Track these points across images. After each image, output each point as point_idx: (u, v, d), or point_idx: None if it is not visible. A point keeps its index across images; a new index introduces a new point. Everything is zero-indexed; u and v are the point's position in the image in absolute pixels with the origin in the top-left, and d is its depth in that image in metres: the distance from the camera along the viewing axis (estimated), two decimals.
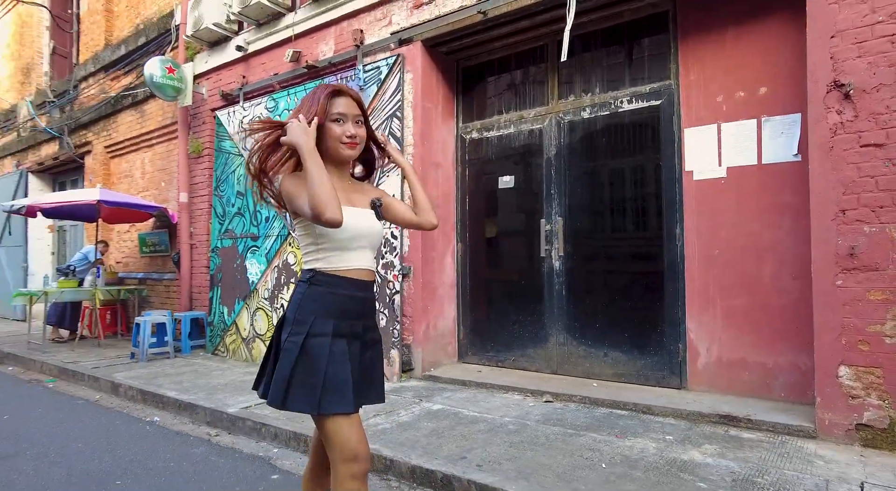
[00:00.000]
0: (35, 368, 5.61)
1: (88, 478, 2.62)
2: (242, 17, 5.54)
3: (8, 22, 11.04)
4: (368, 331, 1.63)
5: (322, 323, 1.52)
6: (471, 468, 2.45)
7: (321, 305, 1.54)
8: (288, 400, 1.46)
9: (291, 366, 1.48)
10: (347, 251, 1.57)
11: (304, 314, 1.53)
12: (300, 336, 1.50)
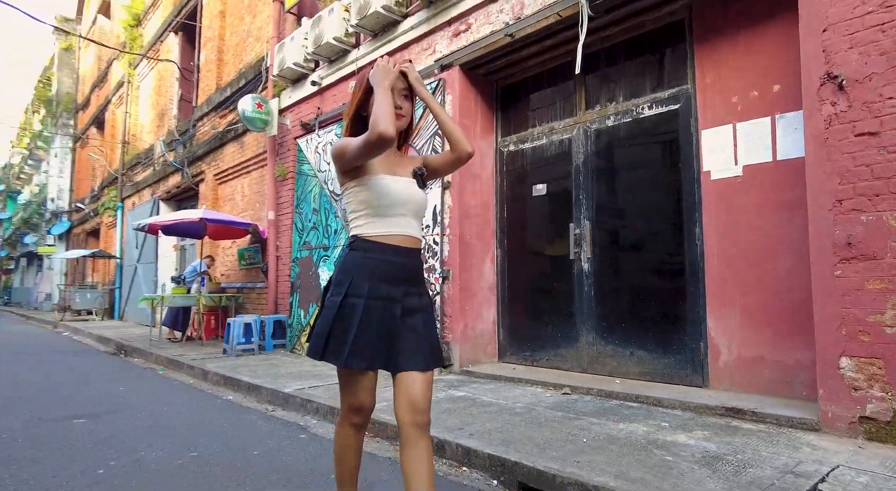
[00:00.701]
0: (151, 359, 6.67)
1: (162, 428, 3.26)
2: (316, 56, 6.37)
3: (150, 78, 13.21)
4: (410, 296, 1.66)
5: (359, 285, 1.60)
6: (462, 435, 2.75)
7: (359, 268, 1.62)
8: (326, 352, 1.59)
9: (330, 323, 1.60)
10: (387, 217, 1.64)
11: (344, 276, 1.63)
12: (339, 296, 1.61)
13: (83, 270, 17.80)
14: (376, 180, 1.64)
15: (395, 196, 1.64)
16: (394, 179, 1.65)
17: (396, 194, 1.64)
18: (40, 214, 22.90)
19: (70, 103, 21.68)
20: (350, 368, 1.59)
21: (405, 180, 1.68)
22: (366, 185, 1.64)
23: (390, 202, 1.63)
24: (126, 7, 14.77)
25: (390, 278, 1.63)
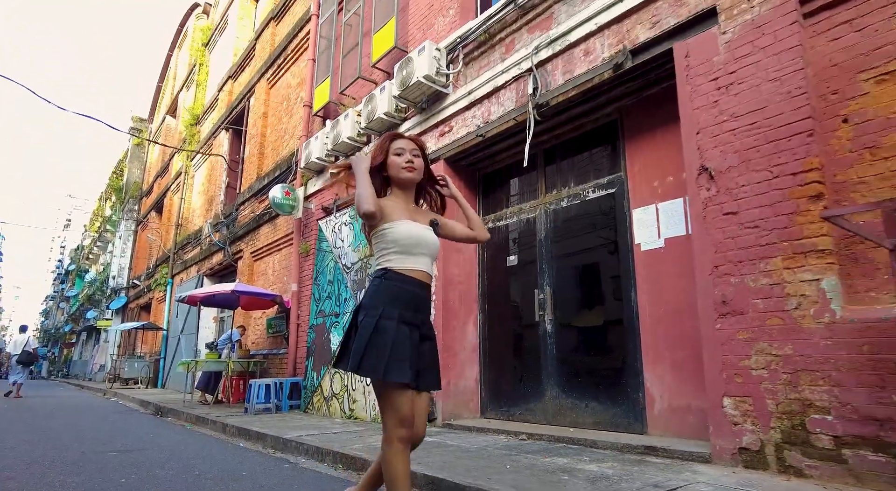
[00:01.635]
0: (182, 418, 7.42)
1: (176, 459, 3.94)
2: (335, 152, 7.51)
3: (203, 169, 15.02)
4: (424, 326, 1.93)
5: (391, 309, 1.83)
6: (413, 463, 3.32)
7: (390, 295, 1.87)
8: (361, 366, 1.78)
9: (366, 340, 1.79)
10: (411, 255, 1.93)
11: (378, 301, 1.86)
12: (374, 318, 1.82)
13: (134, 341, 19.17)
14: (404, 224, 1.95)
15: (417, 238, 1.93)
16: (416, 226, 1.96)
17: (419, 237, 1.94)
18: (102, 291, 24.92)
19: (137, 191, 24.26)
20: (390, 381, 1.78)
21: (424, 227, 1.99)
22: (396, 227, 1.93)
23: (415, 242, 1.93)
24: (188, 109, 17.08)
25: (413, 307, 1.90)
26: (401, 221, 1.93)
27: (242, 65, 13.33)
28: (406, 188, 2.05)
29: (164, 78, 24.18)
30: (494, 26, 5.34)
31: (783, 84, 3.13)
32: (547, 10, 4.87)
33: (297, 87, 10.03)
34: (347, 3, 8.12)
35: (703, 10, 3.60)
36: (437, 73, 5.70)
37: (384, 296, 1.87)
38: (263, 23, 12.19)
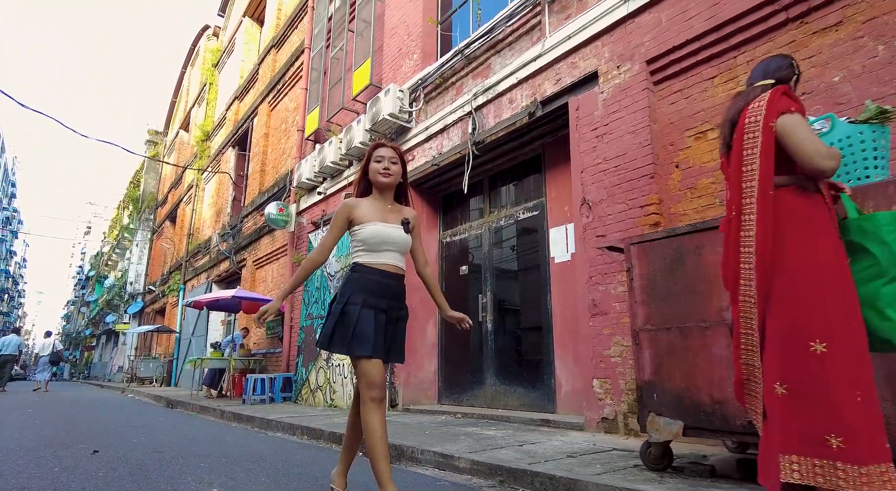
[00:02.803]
0: (189, 408, 8.46)
1: (177, 432, 4.94)
2: (322, 174, 8.52)
3: (213, 183, 16.16)
4: (393, 309, 2.22)
5: (356, 296, 2.14)
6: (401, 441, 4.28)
7: (357, 285, 2.18)
8: (331, 345, 2.13)
9: (334, 324, 2.14)
10: (376, 252, 2.22)
11: (346, 290, 2.18)
12: (341, 305, 2.15)
13: (149, 343, 20.38)
14: (371, 226, 2.24)
15: (383, 237, 2.22)
16: (384, 225, 2.23)
17: (385, 236, 2.22)
18: (121, 296, 26.25)
19: (152, 201, 25.58)
20: (355, 355, 2.12)
21: (392, 226, 2.26)
22: (364, 228, 2.24)
23: (380, 241, 2.22)
24: (199, 125, 18.27)
25: (378, 294, 2.18)
26: (370, 223, 2.23)
27: (247, 87, 14.45)
28: (383, 191, 2.33)
29: (178, 94, 25.49)
30: (447, 72, 6.31)
31: (637, 136, 4.06)
32: (486, 61, 5.83)
33: (293, 112, 11.08)
34: (334, 40, 9.14)
35: (589, 72, 4.54)
36: (400, 111, 6.68)
37: (352, 286, 2.20)
38: (266, 49, 13.29)
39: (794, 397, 1.75)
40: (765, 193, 1.85)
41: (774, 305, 1.82)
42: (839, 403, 1.69)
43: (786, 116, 1.86)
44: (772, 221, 1.84)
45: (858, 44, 3.06)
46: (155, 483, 2.74)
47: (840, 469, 1.65)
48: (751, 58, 3.55)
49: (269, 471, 3.12)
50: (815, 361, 1.73)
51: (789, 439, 1.74)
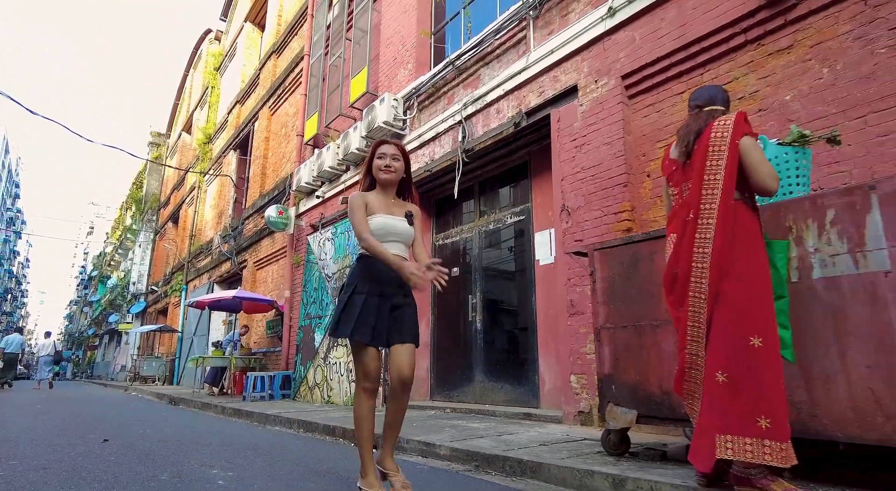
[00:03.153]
0: (191, 405, 8.74)
1: (179, 425, 5.21)
2: (320, 178, 8.80)
3: (215, 185, 16.45)
4: (398, 296, 2.30)
5: (362, 285, 2.27)
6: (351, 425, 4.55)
7: (363, 274, 2.30)
8: (336, 331, 2.26)
9: (340, 310, 2.28)
10: (384, 242, 2.28)
11: (353, 279, 2.31)
12: (348, 294, 2.28)
13: (152, 343, 20.68)
14: (378, 218, 2.34)
15: (389, 228, 2.31)
16: (390, 217, 2.34)
17: (391, 227, 2.32)
18: (124, 297, 26.56)
19: (155, 202, 25.89)
20: (356, 340, 2.24)
21: (398, 219, 2.37)
22: (372, 220, 2.33)
23: (385, 232, 2.30)
24: (201, 128, 18.56)
25: (384, 282, 2.28)
26: (377, 215, 2.33)
27: (248, 91, 14.74)
28: (386, 186, 2.43)
29: (181, 96, 25.81)
30: (439, 82, 6.58)
31: (612, 147, 4.33)
32: (476, 72, 6.10)
33: (293, 116, 11.36)
34: (332, 48, 9.43)
35: (569, 86, 4.81)
36: (394, 119, 6.96)
37: (358, 275, 2.32)
38: (266, 54, 13.58)
39: (733, 385, 2.02)
40: (726, 203, 2.10)
41: (723, 303, 2.08)
42: (768, 390, 1.96)
43: (747, 138, 2.13)
44: (731, 229, 2.10)
45: (806, 66, 3.32)
46: (161, 466, 3.01)
47: (767, 446, 1.92)
48: (715, 75, 3.82)
49: (265, 457, 3.39)
50: (752, 353, 2.00)
51: (726, 421, 2.00)
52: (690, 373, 2.14)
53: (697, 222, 2.15)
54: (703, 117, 2.24)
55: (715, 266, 2.09)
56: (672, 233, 2.25)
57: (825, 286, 2.10)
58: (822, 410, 2.06)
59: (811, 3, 3.32)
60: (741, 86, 3.64)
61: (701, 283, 2.12)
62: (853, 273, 2.02)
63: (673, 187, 2.32)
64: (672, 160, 2.32)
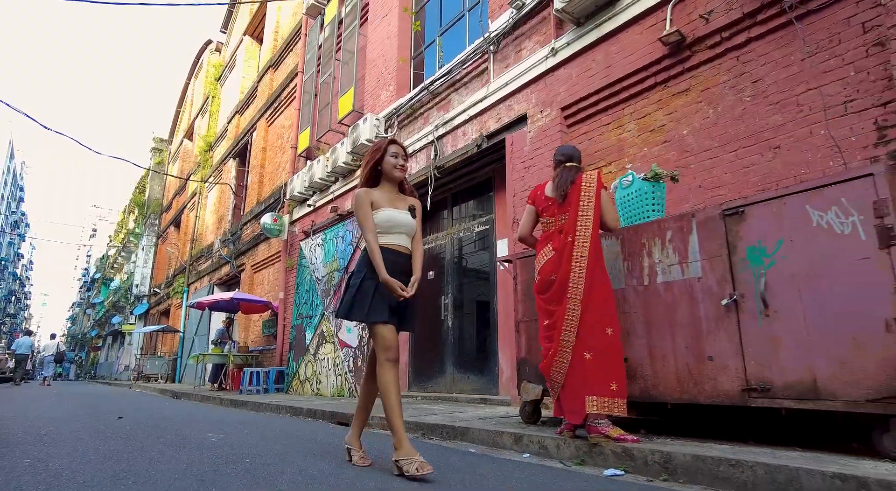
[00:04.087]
0: (192, 398, 9.46)
1: (182, 412, 5.92)
2: (311, 188, 9.52)
3: (215, 191, 17.18)
4: (403, 283, 2.46)
5: (372, 272, 2.44)
6: (326, 407, 5.27)
7: (370, 262, 2.46)
8: (350, 314, 2.44)
9: (353, 295, 2.46)
10: (388, 233, 2.51)
11: (363, 266, 2.50)
12: (359, 279, 2.47)
13: (155, 343, 21.41)
14: (385, 211, 2.54)
15: (395, 221, 2.52)
16: (395, 211, 2.54)
17: (397, 220, 2.52)
18: (127, 299, 27.29)
19: (157, 207, 26.64)
20: (372, 321, 2.42)
21: (402, 212, 2.58)
22: (379, 213, 2.53)
23: (392, 224, 2.51)
24: (202, 136, 19.30)
25: (391, 269, 2.43)
26: (383, 209, 2.54)
27: (247, 102, 15.48)
28: (392, 182, 2.66)
29: (182, 104, 26.57)
30: (416, 104, 7.31)
31: (552, 170, 5.03)
32: (448, 97, 6.82)
33: (288, 129, 12.08)
34: (323, 67, 10.15)
35: (521, 114, 5.53)
36: (376, 137, 7.68)
37: (366, 263, 2.50)
38: (264, 68, 14.32)
39: (595, 360, 2.73)
40: (595, 234, 2.89)
41: (590, 305, 2.80)
42: (616, 363, 2.69)
43: (605, 192, 2.97)
44: (597, 253, 2.83)
45: (698, 107, 4.04)
46: (166, 431, 3.73)
47: (616, 403, 2.64)
48: (633, 110, 4.53)
49: (252, 428, 4.11)
50: (607, 339, 2.73)
51: (591, 385, 2.71)
52: (561, 355, 2.85)
53: (574, 244, 2.88)
54: (572, 171, 3.00)
55: (587, 279, 2.82)
56: (547, 248, 2.98)
57: (664, 288, 2.81)
58: (660, 380, 2.77)
59: (701, 56, 4.04)
60: (652, 120, 4.36)
61: (578, 288, 2.84)
62: (681, 279, 2.73)
63: (548, 217, 3.06)
64: (548, 197, 3.07)
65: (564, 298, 2.88)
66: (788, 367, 2.29)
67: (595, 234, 2.86)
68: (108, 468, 2.39)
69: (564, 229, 2.95)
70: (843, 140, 3.21)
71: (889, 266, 2.04)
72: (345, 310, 2.50)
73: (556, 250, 2.95)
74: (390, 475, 2.33)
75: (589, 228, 2.87)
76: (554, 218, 3.04)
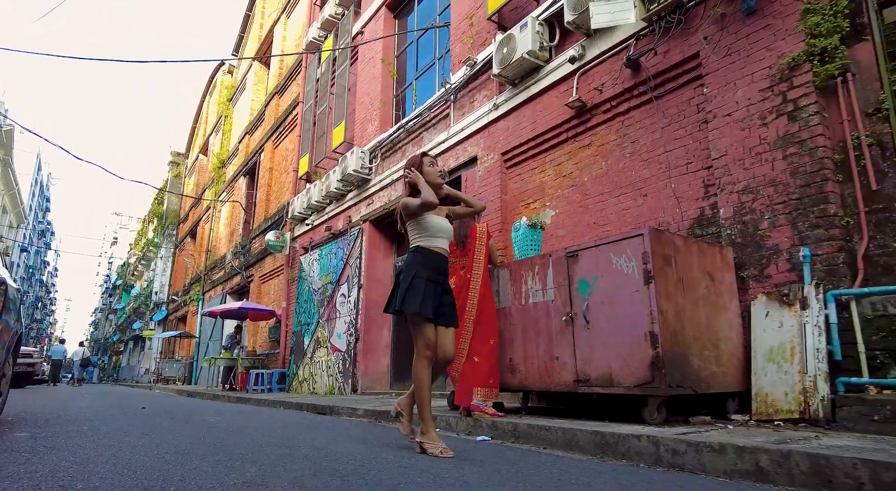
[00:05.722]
0: (205, 397, 10.64)
1: (197, 407, 7.05)
2: (310, 209, 10.67)
3: (227, 206, 18.47)
4: (445, 283, 2.82)
5: (421, 271, 2.73)
6: (336, 403, 6.37)
7: (420, 262, 2.76)
8: (404, 307, 2.68)
9: (405, 291, 2.70)
10: (434, 237, 2.82)
11: (412, 266, 2.76)
12: (410, 276, 2.72)
13: (173, 347, 22.78)
14: (432, 217, 2.86)
15: (440, 226, 2.84)
16: (438, 217, 2.87)
17: (440, 225, 2.83)
18: (147, 305, 28.80)
19: (175, 218, 28.13)
20: (424, 314, 2.65)
21: (444, 218, 2.92)
22: (426, 219, 2.84)
23: (438, 229, 2.83)
24: (216, 154, 20.65)
25: (436, 271, 2.76)
26: (430, 215, 2.83)
27: (256, 124, 16.75)
28: (434, 188, 2.90)
29: (198, 120, 28.05)
30: (395, 139, 8.41)
31: (494, 203, 6.08)
32: (420, 135, 7.91)
33: (291, 152, 13.27)
34: (320, 99, 11.32)
35: (472, 156, 6.59)
36: (361, 167, 8.80)
37: (416, 263, 2.74)
38: (270, 94, 15.57)
39: (480, 362, 3.81)
40: (485, 271, 4.00)
41: (479, 324, 3.88)
42: (494, 365, 3.77)
43: (492, 241, 4.02)
44: (487, 285, 3.92)
45: (596, 159, 5.07)
46: (177, 416, 4.86)
47: (493, 392, 3.72)
48: (552, 158, 5.57)
49: (246, 415, 5.22)
50: (490, 347, 3.81)
51: (477, 381, 3.78)
52: (458, 359, 3.91)
53: (470, 280, 3.96)
54: (467, 225, 4.07)
55: (479, 304, 3.91)
56: (452, 279, 4.06)
57: (533, 307, 3.86)
58: (530, 374, 3.82)
59: (598, 118, 5.07)
60: (564, 168, 5.40)
61: (472, 312, 3.93)
62: (542, 300, 3.78)
63: (453, 259, 4.13)
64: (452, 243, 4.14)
65: (463, 317, 3.95)
66: (598, 364, 3.33)
67: (485, 272, 3.94)
68: (136, 430, 3.52)
69: (466, 267, 4.03)
70: (683, 193, 4.23)
71: (649, 297, 3.08)
72: (399, 303, 2.72)
73: (457, 284, 4.03)
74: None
75: (481, 268, 3.95)
76: (458, 259, 4.11)
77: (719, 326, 3.38)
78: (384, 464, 2.38)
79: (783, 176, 3.53)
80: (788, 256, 3.44)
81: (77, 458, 2.36)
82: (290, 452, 2.72)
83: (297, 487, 1.82)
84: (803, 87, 3.50)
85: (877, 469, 1.82)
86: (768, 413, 3.12)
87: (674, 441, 2.45)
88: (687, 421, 3.18)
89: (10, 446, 2.68)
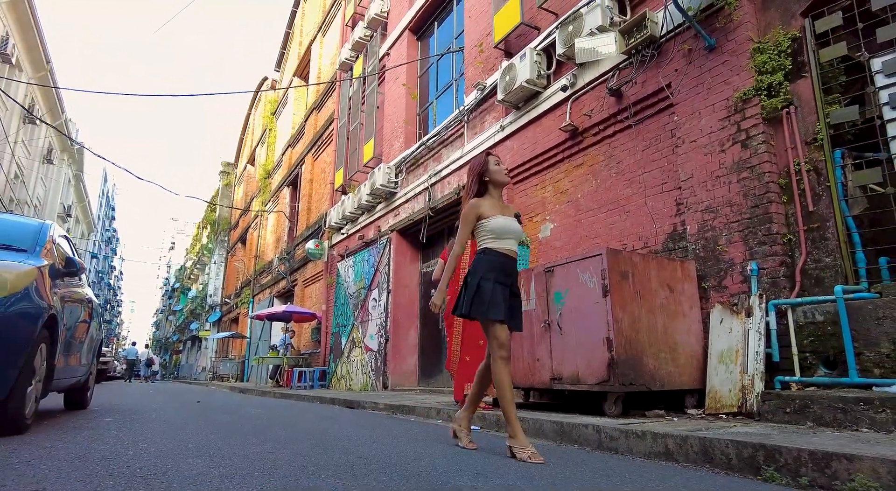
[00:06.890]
0: (254, 393, 11.66)
1: (249, 402, 7.95)
2: (345, 219, 11.52)
3: (273, 216, 19.69)
4: (514, 285, 2.76)
5: (489, 274, 2.66)
6: (363, 398, 7.14)
7: (488, 265, 2.70)
8: (470, 312, 2.65)
9: (472, 295, 2.65)
10: (501, 239, 2.75)
11: (480, 269, 2.69)
12: (477, 279, 2.66)
13: (227, 347, 24.35)
14: (498, 218, 2.77)
15: (506, 227, 2.76)
16: (505, 218, 2.78)
17: (507, 226, 2.76)
18: (202, 307, 30.73)
19: (226, 225, 29.88)
20: (492, 319, 2.62)
21: (510, 219, 2.82)
22: (492, 221, 2.75)
23: (504, 230, 2.75)
24: (262, 165, 21.97)
25: (504, 273, 2.72)
26: (494, 217, 2.76)
27: (297, 138, 17.83)
28: (499, 189, 2.87)
29: (245, 132, 29.70)
30: (418, 155, 9.10)
31: None
32: (439, 152, 8.56)
33: (329, 164, 14.19)
34: (353, 116, 12.14)
35: None
36: (388, 181, 9.54)
37: (484, 265, 2.69)
38: (309, 109, 16.58)
39: (470, 362, 4.42)
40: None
41: (471, 326, 4.49)
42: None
43: None
44: None
45: (587, 177, 5.57)
46: (227, 409, 5.70)
47: None
48: (551, 176, 6.10)
49: (291, 409, 6.02)
50: (478, 348, 4.41)
51: (467, 377, 4.40)
52: (453, 358, 4.53)
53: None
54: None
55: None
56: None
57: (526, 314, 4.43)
58: (518, 373, 4.39)
59: (589, 140, 5.57)
60: (561, 185, 5.92)
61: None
62: (528, 309, 4.35)
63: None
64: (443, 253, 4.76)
65: (453, 325, 4.57)
66: (569, 365, 3.88)
67: None
68: (192, 418, 4.34)
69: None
70: (658, 211, 4.71)
71: (605, 308, 3.61)
72: (465, 309, 2.69)
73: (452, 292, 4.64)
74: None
75: None
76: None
77: (677, 331, 3.87)
78: (364, 440, 3.05)
79: (737, 197, 3.98)
80: (741, 269, 3.89)
81: (148, 435, 3.15)
82: (308, 436, 3.42)
83: (301, 457, 2.49)
84: (753, 118, 3.93)
85: (740, 448, 2.33)
86: (717, 408, 3.60)
87: (611, 429, 3.00)
88: (643, 414, 3.70)
89: (103, 426, 3.55)
